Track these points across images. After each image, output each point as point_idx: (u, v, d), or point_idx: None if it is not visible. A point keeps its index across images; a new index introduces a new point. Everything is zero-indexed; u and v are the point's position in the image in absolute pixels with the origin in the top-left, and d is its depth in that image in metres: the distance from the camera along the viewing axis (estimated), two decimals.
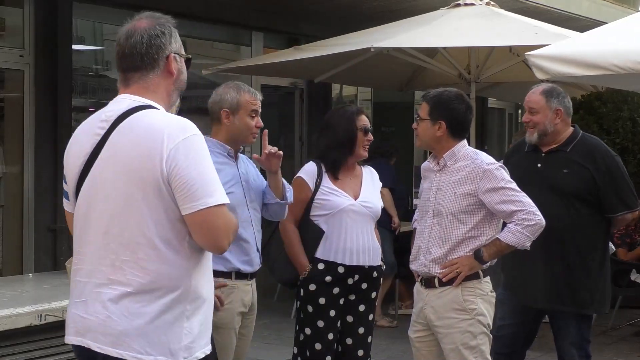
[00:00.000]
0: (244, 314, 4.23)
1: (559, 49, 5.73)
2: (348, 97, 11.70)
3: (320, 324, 4.55)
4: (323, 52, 7.40)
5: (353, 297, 4.63)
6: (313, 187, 4.59)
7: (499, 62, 7.79)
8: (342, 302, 4.60)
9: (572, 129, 4.88)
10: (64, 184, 2.85)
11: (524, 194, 4.15)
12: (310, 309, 4.57)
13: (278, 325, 7.55)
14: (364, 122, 4.65)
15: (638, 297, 8.31)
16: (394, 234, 8.18)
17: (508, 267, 4.93)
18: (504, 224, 4.21)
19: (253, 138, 4.26)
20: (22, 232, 7.26)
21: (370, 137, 4.66)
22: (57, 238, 7.27)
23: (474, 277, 4.17)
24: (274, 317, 7.79)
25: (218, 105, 4.22)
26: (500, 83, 9.31)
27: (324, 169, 4.63)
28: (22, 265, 7.21)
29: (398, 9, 8.98)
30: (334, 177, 4.63)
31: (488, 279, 4.24)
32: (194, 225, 2.60)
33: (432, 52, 7.99)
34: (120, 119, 2.66)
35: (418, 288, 4.35)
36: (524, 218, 4.09)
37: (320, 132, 4.80)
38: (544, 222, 4.13)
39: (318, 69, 8.29)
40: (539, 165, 4.84)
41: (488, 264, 4.20)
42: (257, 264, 4.26)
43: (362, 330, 4.67)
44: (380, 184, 4.88)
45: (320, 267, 4.55)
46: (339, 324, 4.61)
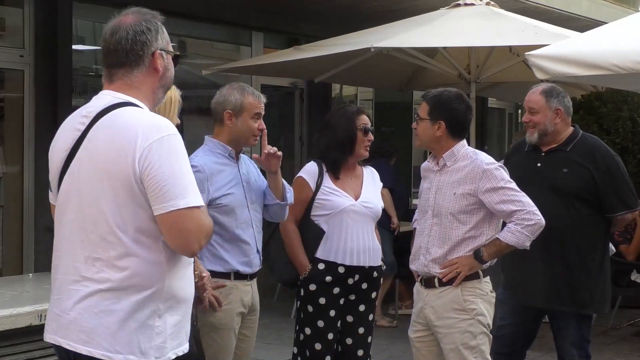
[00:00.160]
0: (244, 315, 4.23)
1: (559, 49, 5.73)
2: (348, 97, 11.69)
3: (320, 324, 4.55)
4: (323, 52, 7.40)
5: (353, 297, 4.63)
6: (314, 187, 4.58)
7: (499, 62, 7.78)
8: (342, 302, 4.59)
9: (572, 129, 4.88)
10: (50, 178, 2.82)
11: (524, 194, 4.14)
12: (311, 309, 4.57)
13: (278, 325, 7.54)
14: (364, 122, 4.64)
15: (638, 297, 8.30)
16: (394, 234, 8.18)
17: (508, 267, 4.93)
18: (504, 224, 4.22)
19: (255, 140, 4.25)
20: (22, 232, 7.25)
21: (371, 137, 4.65)
22: None
23: (474, 277, 4.17)
24: (274, 317, 7.78)
25: (221, 106, 4.20)
26: (500, 83, 9.31)
27: (325, 169, 4.63)
28: (22, 265, 7.20)
29: (398, 9, 8.97)
30: (335, 177, 4.63)
31: (488, 279, 4.24)
32: (164, 227, 2.55)
33: (432, 52, 7.98)
34: (99, 116, 2.62)
35: (418, 288, 4.35)
36: (524, 218, 4.09)
37: (321, 132, 4.80)
38: (544, 221, 4.13)
39: (318, 69, 8.29)
40: (539, 165, 4.84)
41: (488, 264, 4.20)
42: (256, 265, 4.25)
43: (362, 330, 4.67)
44: (381, 184, 4.88)
45: (321, 267, 4.54)
46: (339, 324, 4.61)
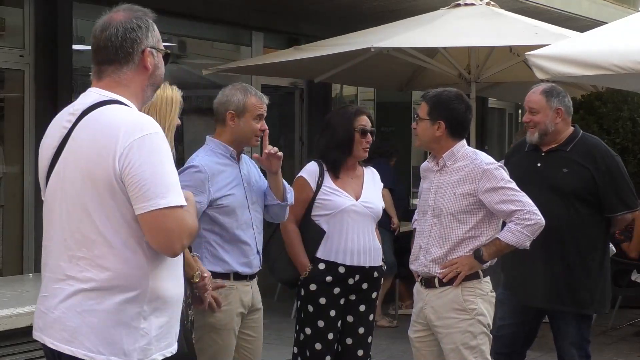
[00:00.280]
0: (244, 315, 4.22)
1: (559, 49, 5.72)
2: (348, 97, 11.68)
3: (321, 324, 4.55)
4: (323, 52, 7.39)
5: (353, 297, 4.63)
6: (314, 187, 4.58)
7: (499, 62, 7.78)
8: (342, 302, 4.59)
9: (572, 129, 4.88)
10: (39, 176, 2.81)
11: (524, 194, 4.14)
12: (311, 309, 4.57)
13: (278, 325, 7.53)
14: (363, 123, 4.62)
15: (638, 297, 8.30)
16: (394, 234, 8.17)
17: (508, 266, 4.93)
18: (504, 224, 4.22)
19: (256, 141, 4.24)
20: (22, 232, 7.24)
21: (369, 138, 4.63)
22: None
23: (474, 277, 4.17)
24: (274, 317, 7.75)
25: (224, 107, 4.19)
26: (501, 83, 9.30)
27: (326, 169, 4.63)
28: (22, 265, 7.19)
29: (398, 9, 8.97)
30: (335, 177, 4.63)
31: (488, 279, 4.24)
32: (145, 226, 2.52)
33: (432, 52, 7.98)
34: (84, 114, 2.60)
35: (418, 288, 4.35)
36: (524, 217, 4.09)
37: (321, 132, 4.80)
38: (544, 221, 4.13)
39: (318, 69, 8.28)
40: (539, 165, 4.84)
41: (488, 264, 4.20)
42: (256, 266, 4.24)
43: (362, 330, 4.67)
44: (382, 185, 4.88)
45: (321, 267, 4.54)
46: (339, 324, 4.61)
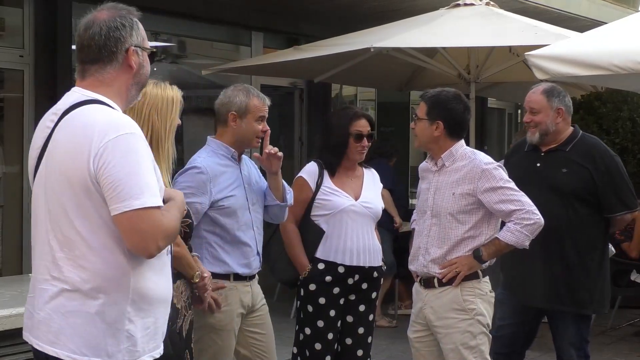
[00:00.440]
0: (244, 315, 4.23)
1: (559, 49, 5.73)
2: (348, 97, 11.68)
3: (320, 324, 4.55)
4: (323, 52, 7.39)
5: (353, 297, 4.63)
6: (314, 187, 4.59)
7: (499, 62, 7.77)
8: (342, 302, 4.60)
9: (572, 129, 4.88)
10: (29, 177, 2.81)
11: (523, 193, 4.15)
12: (310, 309, 4.58)
13: (278, 325, 7.44)
14: (359, 127, 4.59)
15: (637, 297, 8.31)
16: (394, 234, 8.18)
17: (507, 266, 4.93)
18: (503, 224, 4.22)
19: (257, 142, 4.25)
20: (21, 232, 7.24)
21: (365, 142, 4.60)
22: None
23: (473, 277, 4.17)
24: (274, 317, 7.64)
25: (226, 108, 4.19)
26: (500, 83, 9.30)
27: (325, 169, 4.64)
28: (21, 265, 7.20)
29: (398, 9, 8.97)
30: (333, 177, 4.63)
31: (487, 279, 4.24)
32: (120, 227, 2.50)
33: (431, 52, 7.98)
34: (65, 114, 2.59)
35: (417, 288, 4.35)
36: (523, 217, 4.09)
37: (321, 132, 4.80)
38: (543, 221, 4.13)
39: (318, 69, 8.28)
40: (538, 165, 4.84)
41: (487, 264, 4.20)
42: (256, 267, 4.25)
43: (362, 330, 4.67)
44: (382, 185, 4.88)
45: (321, 267, 4.55)
46: (339, 324, 4.61)
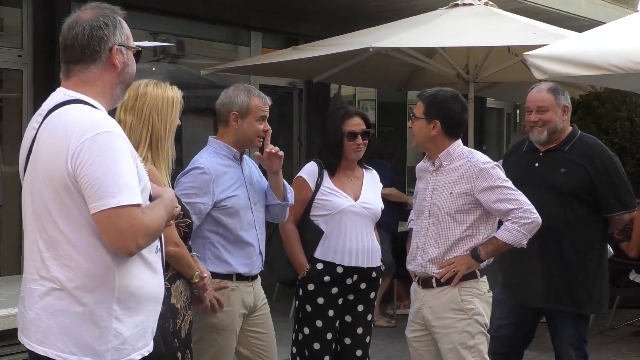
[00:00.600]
0: (245, 315, 4.24)
1: (558, 49, 5.73)
2: (347, 97, 11.68)
3: (319, 324, 4.56)
4: (321, 52, 7.39)
5: (352, 297, 4.64)
6: (313, 187, 4.59)
7: (498, 62, 7.77)
8: (340, 302, 4.60)
9: (570, 128, 4.88)
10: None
11: (520, 193, 4.15)
12: (309, 309, 4.58)
13: (276, 325, 7.40)
14: (352, 126, 4.60)
15: (636, 297, 8.30)
16: (393, 235, 8.18)
17: (506, 266, 4.93)
18: (500, 223, 4.22)
19: (259, 142, 4.25)
20: (20, 232, 7.21)
21: (360, 140, 4.60)
22: None
23: (471, 276, 4.17)
24: (273, 316, 7.67)
25: (227, 108, 4.19)
26: (499, 83, 9.31)
27: (325, 169, 4.64)
28: (20, 265, 7.16)
29: (396, 9, 8.97)
30: (333, 177, 4.63)
31: (485, 278, 4.25)
32: (99, 226, 2.51)
33: (430, 52, 7.98)
34: (48, 114, 2.61)
35: (415, 288, 4.35)
36: (521, 216, 4.09)
37: (321, 132, 4.81)
38: (541, 220, 4.14)
39: (316, 69, 8.28)
40: (537, 165, 4.84)
41: (485, 263, 4.21)
42: (258, 267, 4.26)
43: (360, 330, 4.67)
44: (381, 185, 4.88)
45: (319, 267, 4.55)
46: (338, 324, 4.62)
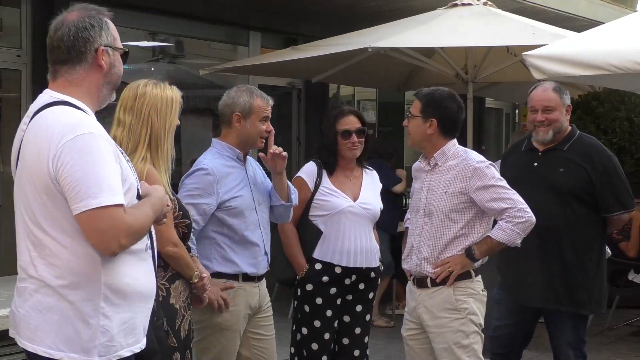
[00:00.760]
0: (250, 316, 4.24)
1: (556, 49, 5.73)
2: (346, 97, 11.68)
3: (317, 324, 4.55)
4: (320, 52, 7.39)
5: (350, 297, 4.63)
6: (312, 187, 4.59)
7: (496, 62, 7.78)
8: (339, 302, 4.60)
9: (570, 128, 4.88)
10: None
11: (514, 192, 4.16)
12: (307, 309, 4.58)
13: (275, 325, 7.49)
14: (345, 125, 4.60)
15: (635, 297, 8.30)
16: (391, 235, 8.17)
17: (504, 266, 4.94)
18: (495, 222, 4.23)
19: (261, 142, 4.26)
20: None
21: (354, 139, 4.60)
22: None
23: (466, 276, 4.19)
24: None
25: (229, 109, 4.19)
26: (498, 83, 9.31)
27: (324, 169, 4.64)
28: None
29: (395, 9, 8.97)
30: (331, 176, 4.63)
31: (479, 278, 4.26)
32: (81, 226, 2.54)
33: (429, 52, 7.98)
34: (34, 116, 2.64)
35: (410, 287, 4.37)
36: (515, 215, 4.10)
37: (319, 132, 4.81)
38: (535, 219, 4.14)
39: (315, 69, 8.28)
40: (536, 165, 4.84)
41: (479, 263, 4.21)
42: (264, 267, 4.27)
43: (358, 330, 4.67)
44: (381, 186, 4.88)
45: (318, 267, 4.55)
46: (336, 324, 4.61)
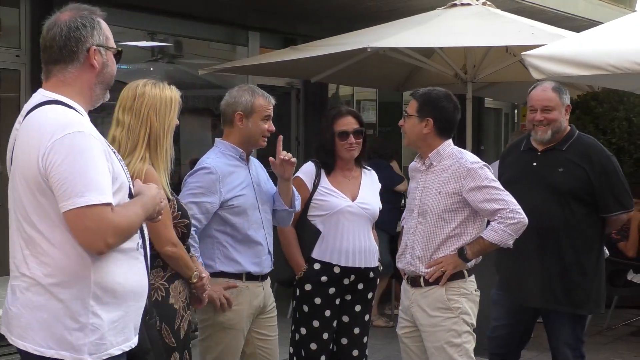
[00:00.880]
0: (255, 316, 4.25)
1: (555, 49, 5.73)
2: (345, 97, 11.68)
3: (316, 324, 4.55)
4: (319, 52, 7.39)
5: (349, 297, 4.63)
6: (311, 187, 4.59)
7: (496, 62, 7.78)
8: (337, 302, 4.60)
9: (569, 128, 4.88)
10: None
11: (507, 193, 4.17)
12: (306, 309, 4.58)
13: None
14: (343, 126, 4.59)
15: (634, 297, 8.31)
16: (391, 235, 8.17)
17: (503, 266, 4.94)
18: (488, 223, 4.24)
19: (264, 141, 4.26)
20: None
21: (352, 139, 4.59)
22: None
23: (459, 276, 4.21)
24: None
25: (231, 108, 4.20)
26: (497, 83, 9.30)
27: (322, 169, 4.64)
28: None
29: (394, 9, 8.97)
30: (329, 176, 4.63)
31: (473, 278, 4.29)
32: (68, 225, 2.56)
33: (428, 52, 7.98)
34: (27, 115, 2.66)
35: (405, 286, 4.40)
36: (507, 216, 4.11)
37: (318, 132, 4.82)
38: (527, 220, 4.15)
39: (314, 69, 8.28)
40: (535, 165, 4.84)
41: (473, 262, 4.23)
42: (268, 266, 4.27)
43: (357, 330, 4.67)
44: (380, 185, 4.88)
45: (316, 267, 4.55)
46: (335, 324, 4.61)
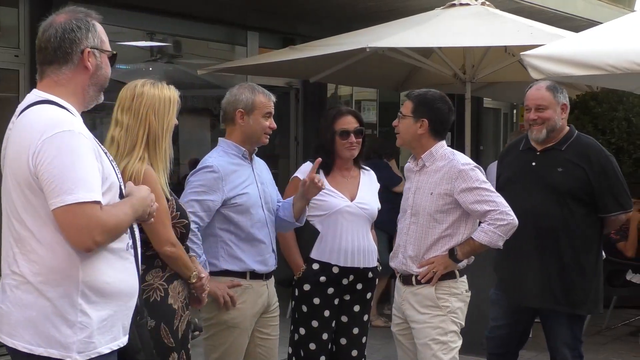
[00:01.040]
0: (259, 314, 4.26)
1: (554, 49, 5.73)
2: (344, 97, 11.68)
3: (315, 324, 4.56)
4: (318, 52, 7.39)
5: (348, 297, 4.64)
6: None
7: (494, 62, 7.78)
8: (336, 302, 4.60)
9: (568, 128, 4.89)
10: None
11: (498, 194, 4.20)
12: (305, 309, 4.58)
13: None
14: (344, 125, 4.60)
15: (633, 296, 8.31)
16: (390, 235, 8.16)
17: (502, 266, 4.95)
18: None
19: (266, 139, 4.26)
20: None
21: (352, 139, 4.60)
22: None
23: (450, 276, 4.24)
24: None
25: (232, 106, 4.20)
26: (496, 83, 9.31)
27: (321, 169, 4.63)
28: None
29: (393, 9, 8.97)
30: (328, 176, 4.63)
31: (464, 278, 4.32)
32: (57, 222, 2.58)
33: (427, 52, 7.98)
34: (20, 115, 2.71)
35: (397, 284, 4.44)
36: (497, 218, 4.13)
37: (317, 132, 4.83)
38: (517, 222, 4.18)
39: (313, 69, 8.29)
40: (534, 164, 4.84)
41: (465, 263, 4.26)
42: (272, 264, 4.28)
43: (356, 331, 4.68)
44: (378, 185, 4.88)
45: (315, 267, 4.55)
46: (334, 324, 4.62)
